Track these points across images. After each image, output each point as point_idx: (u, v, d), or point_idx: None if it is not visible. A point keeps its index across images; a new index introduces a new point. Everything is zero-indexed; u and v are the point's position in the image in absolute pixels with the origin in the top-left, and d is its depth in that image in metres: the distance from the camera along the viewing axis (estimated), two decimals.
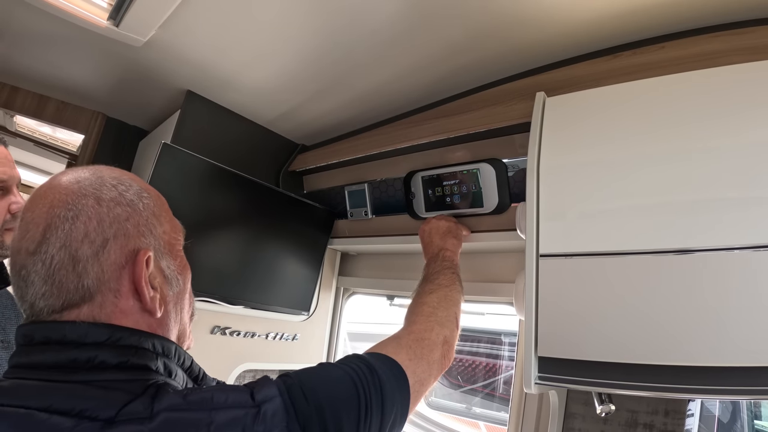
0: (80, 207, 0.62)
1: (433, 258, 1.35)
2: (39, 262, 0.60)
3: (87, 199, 0.63)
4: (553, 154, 1.11)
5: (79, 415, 0.54)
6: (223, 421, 0.58)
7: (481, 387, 2.62)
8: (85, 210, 0.62)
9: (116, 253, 0.63)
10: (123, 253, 0.64)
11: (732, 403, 1.41)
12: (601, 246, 0.99)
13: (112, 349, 0.60)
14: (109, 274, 0.63)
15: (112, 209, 0.64)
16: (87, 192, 0.64)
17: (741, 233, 0.85)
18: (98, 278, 0.62)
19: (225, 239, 1.70)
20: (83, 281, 0.61)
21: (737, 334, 0.83)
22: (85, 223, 0.62)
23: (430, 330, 1.05)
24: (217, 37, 1.40)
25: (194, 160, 1.58)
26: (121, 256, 0.64)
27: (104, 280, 0.62)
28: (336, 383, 0.73)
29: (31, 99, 2.00)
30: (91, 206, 0.63)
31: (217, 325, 1.78)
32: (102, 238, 0.62)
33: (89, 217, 0.62)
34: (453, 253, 1.38)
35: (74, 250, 0.61)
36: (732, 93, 0.92)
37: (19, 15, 1.41)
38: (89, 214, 0.62)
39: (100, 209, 0.63)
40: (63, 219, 0.61)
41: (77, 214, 0.62)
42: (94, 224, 0.62)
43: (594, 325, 0.98)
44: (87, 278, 0.61)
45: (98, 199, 0.64)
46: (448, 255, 1.35)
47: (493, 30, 1.23)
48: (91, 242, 0.62)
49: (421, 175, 1.61)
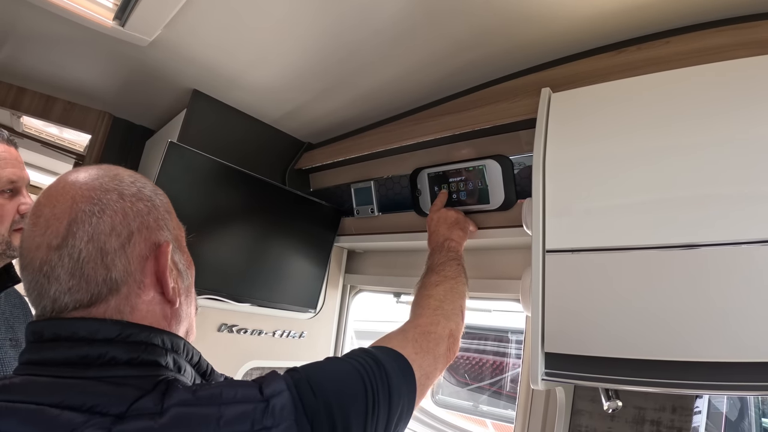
0: (105, 201, 0.64)
1: (437, 247, 1.35)
2: (66, 256, 0.61)
3: (111, 194, 0.65)
4: (558, 149, 1.10)
5: (90, 410, 0.54)
6: (233, 415, 0.58)
7: (488, 385, 2.62)
8: (111, 204, 0.64)
9: (141, 246, 0.65)
10: (147, 245, 0.66)
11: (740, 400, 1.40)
12: (607, 241, 0.99)
13: (122, 346, 0.61)
14: (135, 265, 0.65)
15: (134, 204, 0.66)
16: (110, 187, 0.65)
17: (748, 228, 0.84)
18: (125, 270, 0.63)
19: (232, 237, 1.71)
20: (111, 273, 0.62)
21: (744, 329, 0.82)
22: (112, 217, 0.63)
23: (436, 324, 1.05)
24: (222, 36, 1.41)
25: (201, 159, 1.59)
26: (145, 248, 0.66)
27: (131, 271, 0.64)
28: (343, 377, 0.73)
29: (38, 100, 2.01)
30: (116, 201, 0.65)
31: (224, 322, 1.79)
32: (128, 231, 0.64)
33: (115, 211, 0.64)
34: (458, 244, 1.37)
35: (102, 243, 0.62)
36: (738, 87, 0.91)
37: (25, 16, 1.42)
38: (114, 209, 0.64)
39: (124, 203, 0.65)
40: (89, 213, 0.62)
41: (103, 209, 0.63)
42: (120, 218, 0.64)
43: (601, 321, 0.98)
44: (115, 270, 0.63)
45: (121, 194, 0.66)
46: (453, 245, 1.35)
47: (497, 27, 1.23)
48: (117, 235, 0.63)
49: (427, 172, 1.61)
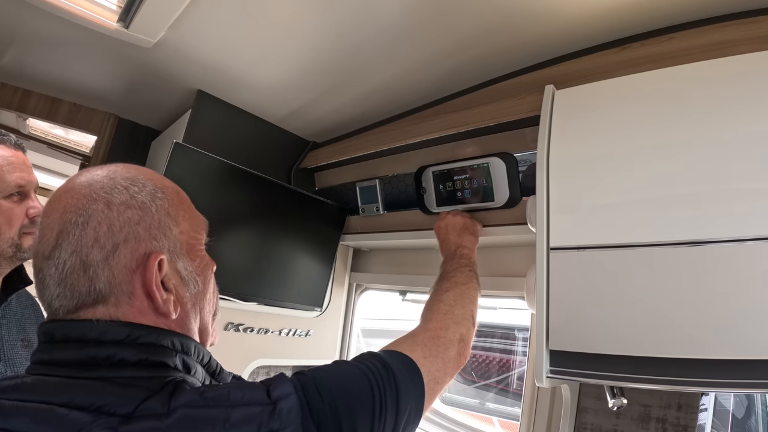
0: (90, 212, 0.63)
1: (450, 255, 1.35)
2: (53, 266, 0.62)
3: (97, 203, 0.64)
4: (562, 146, 1.10)
5: (98, 410, 0.55)
6: (240, 417, 0.58)
7: (494, 383, 2.62)
8: (95, 215, 0.63)
9: (126, 258, 0.64)
10: (134, 257, 0.64)
11: (747, 398, 1.39)
12: (611, 238, 0.99)
13: (131, 347, 0.61)
14: (120, 277, 0.63)
15: (122, 213, 0.64)
16: (98, 196, 0.64)
17: (753, 224, 0.84)
18: (109, 282, 0.63)
19: (237, 237, 1.72)
20: (94, 285, 0.62)
21: (750, 326, 0.82)
22: (95, 229, 0.62)
23: (446, 328, 1.04)
24: (226, 36, 1.41)
25: (206, 159, 1.59)
26: (132, 260, 0.64)
27: (115, 283, 0.63)
28: (351, 381, 0.72)
29: (43, 102, 2.02)
30: (101, 211, 0.63)
31: (231, 321, 1.80)
32: (112, 243, 0.63)
33: (99, 222, 0.63)
34: (470, 251, 1.37)
35: (85, 256, 0.62)
36: (742, 83, 0.91)
37: (29, 19, 1.43)
38: (99, 219, 0.63)
39: (110, 213, 0.64)
40: (74, 224, 0.62)
41: (87, 220, 0.62)
42: (104, 229, 0.63)
43: (606, 318, 0.98)
44: (98, 282, 0.62)
45: (108, 203, 0.64)
46: (465, 252, 1.35)
47: (500, 24, 1.23)
48: (101, 247, 0.62)
49: (432, 170, 1.61)
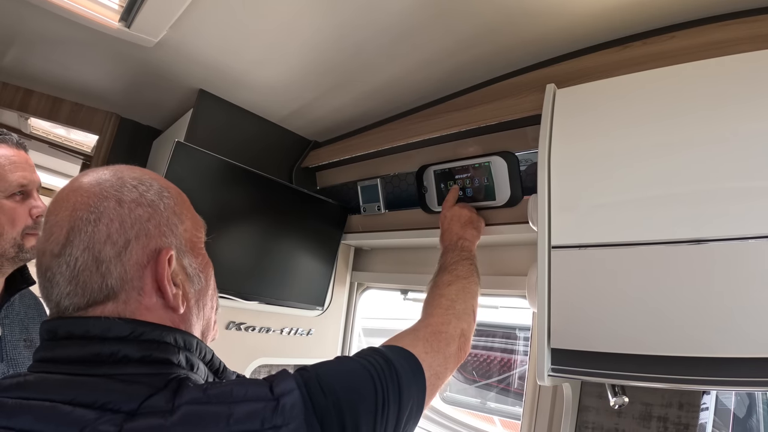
0: (102, 209, 0.63)
1: (450, 246, 1.34)
2: (63, 264, 0.62)
3: (108, 201, 0.64)
4: (563, 145, 1.10)
5: (102, 407, 0.55)
6: (243, 413, 0.58)
7: (495, 382, 2.62)
8: (107, 212, 0.63)
9: (138, 254, 0.64)
10: (145, 252, 0.65)
11: (748, 397, 1.39)
12: (612, 237, 0.99)
13: (134, 344, 0.61)
14: (132, 273, 0.64)
15: (133, 210, 0.65)
16: (108, 194, 0.65)
17: (754, 223, 0.84)
18: (121, 278, 0.63)
19: (239, 236, 1.72)
20: (107, 281, 0.62)
21: (751, 324, 0.82)
22: (107, 225, 0.63)
23: (448, 323, 1.05)
24: (227, 36, 1.41)
25: (207, 158, 1.60)
26: (143, 255, 0.65)
27: (127, 279, 0.63)
28: (353, 376, 0.73)
29: (45, 101, 2.03)
30: (113, 208, 0.64)
31: (232, 320, 1.80)
32: (124, 239, 0.63)
33: (111, 219, 0.63)
34: (471, 243, 1.37)
35: (97, 252, 0.62)
36: (743, 81, 0.91)
37: (31, 19, 1.43)
38: (111, 216, 0.63)
39: (121, 211, 0.64)
40: (85, 222, 0.62)
41: (99, 217, 0.63)
42: (116, 226, 0.63)
43: (607, 316, 0.98)
44: (110, 278, 0.62)
45: (119, 200, 0.65)
46: (466, 245, 1.34)
47: (501, 23, 1.23)
48: (113, 243, 0.63)
49: (433, 169, 1.61)
